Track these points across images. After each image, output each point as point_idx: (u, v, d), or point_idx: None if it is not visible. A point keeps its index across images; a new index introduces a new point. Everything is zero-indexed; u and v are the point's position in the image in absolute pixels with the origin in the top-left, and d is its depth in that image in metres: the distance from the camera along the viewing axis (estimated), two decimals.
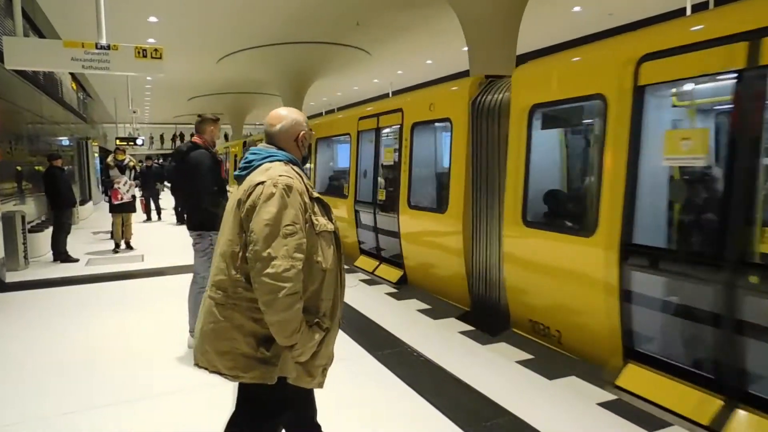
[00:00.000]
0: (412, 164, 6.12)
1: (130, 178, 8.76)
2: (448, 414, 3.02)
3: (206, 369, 1.90)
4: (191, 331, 4.17)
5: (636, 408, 3.09)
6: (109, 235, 9.36)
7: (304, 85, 18.51)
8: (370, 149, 7.33)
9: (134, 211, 9.05)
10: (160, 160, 23.44)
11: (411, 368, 3.71)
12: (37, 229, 8.48)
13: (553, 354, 4.01)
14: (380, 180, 6.99)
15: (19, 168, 9.08)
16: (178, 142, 41.24)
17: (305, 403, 2.05)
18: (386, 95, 23.59)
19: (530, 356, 3.95)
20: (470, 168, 5.03)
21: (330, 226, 1.89)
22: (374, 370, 3.69)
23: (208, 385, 3.50)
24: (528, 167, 4.28)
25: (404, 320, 4.86)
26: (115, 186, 8.49)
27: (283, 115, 2.00)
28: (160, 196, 16.61)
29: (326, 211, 1.93)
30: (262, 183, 1.78)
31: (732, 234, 2.85)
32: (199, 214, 4.06)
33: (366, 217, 7.29)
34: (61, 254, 7.93)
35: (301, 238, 1.75)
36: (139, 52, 6.67)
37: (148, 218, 12.91)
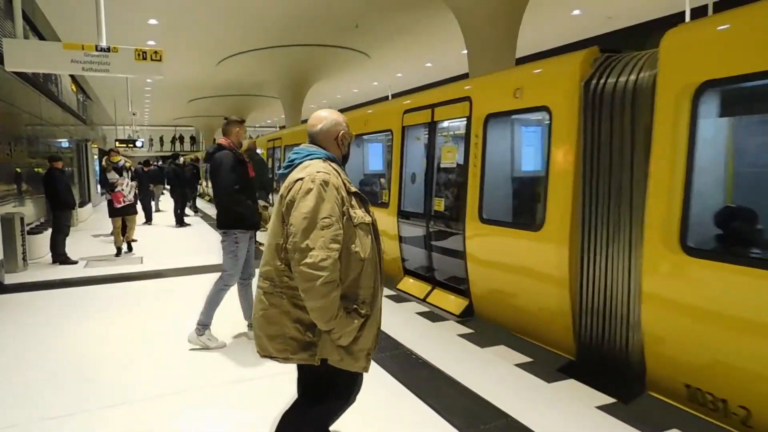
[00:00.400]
0: (486, 166, 4.85)
1: (128, 179, 8.60)
2: (447, 416, 3.01)
3: (259, 353, 2.04)
4: (199, 324, 4.18)
5: (635, 410, 3.09)
6: (111, 238, 9.16)
7: (303, 87, 18.54)
8: (420, 148, 6.22)
9: (136, 212, 8.87)
10: (159, 162, 23.44)
11: (409, 371, 3.70)
12: (36, 230, 8.47)
13: (552, 357, 4.00)
14: (436, 186, 5.76)
15: (18, 170, 9.08)
16: (177, 145, 41.32)
17: (346, 394, 2.14)
18: (386, 98, 23.61)
19: (529, 359, 3.95)
20: (580, 172, 3.77)
21: (367, 218, 2.02)
22: (373, 373, 3.68)
23: (207, 386, 3.50)
24: (690, 171, 3.07)
25: (402, 322, 4.86)
26: (117, 189, 8.31)
27: (324, 116, 2.15)
28: (159, 199, 16.62)
29: (363, 204, 2.07)
30: (301, 179, 1.94)
31: None
32: (223, 213, 4.17)
33: (414, 231, 6.02)
34: (59, 256, 7.92)
35: (337, 230, 1.88)
36: (138, 54, 6.68)
37: (147, 221, 12.89)
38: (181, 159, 16.65)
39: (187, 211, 14.34)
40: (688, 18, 8.84)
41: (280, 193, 2.01)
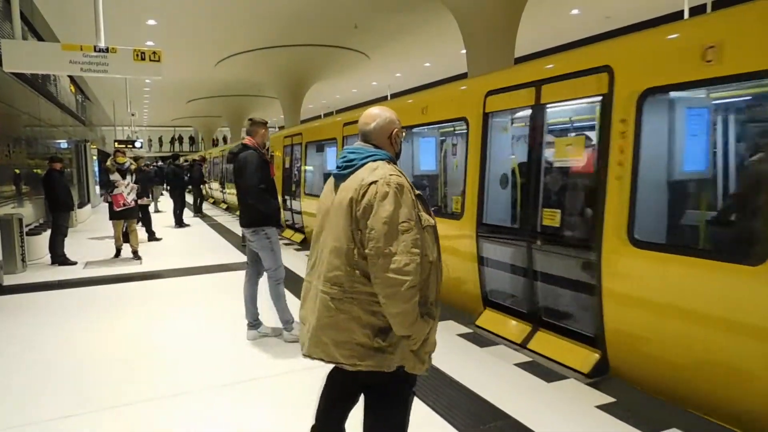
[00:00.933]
0: (640, 166, 3.38)
1: (131, 182, 8.24)
2: (447, 417, 3.01)
3: (322, 359, 2.01)
4: (284, 323, 4.32)
5: (635, 411, 3.09)
6: (112, 240, 8.74)
7: (302, 87, 18.54)
8: (511, 141, 4.91)
9: (137, 217, 8.54)
10: (159, 163, 23.40)
11: None
12: (35, 231, 8.46)
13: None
14: (545, 192, 4.25)
15: (17, 171, 9.06)
16: (177, 145, 41.32)
17: (409, 394, 2.16)
18: (385, 98, 23.61)
19: (528, 359, 3.95)
20: None
21: (431, 221, 2.00)
22: None
23: (209, 387, 3.49)
24: None
25: None
26: (116, 191, 8.00)
27: (377, 113, 2.10)
28: (158, 200, 16.57)
29: (426, 206, 2.04)
30: (375, 182, 1.88)
31: None
32: (250, 212, 4.27)
33: (504, 251, 4.61)
34: (58, 257, 7.91)
35: (416, 234, 1.86)
36: (137, 55, 6.67)
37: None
38: (181, 159, 16.57)
39: (187, 212, 14.29)
40: (686, 16, 8.84)
41: (348, 196, 1.92)
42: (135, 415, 3.14)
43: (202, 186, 16.23)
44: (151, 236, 10.32)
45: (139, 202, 9.80)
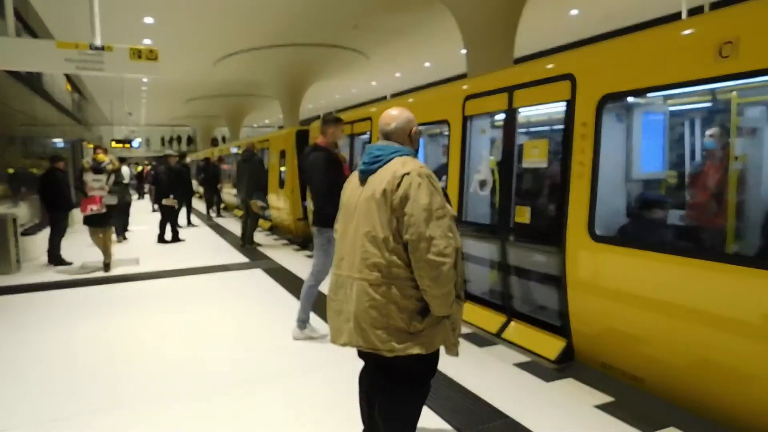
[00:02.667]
0: None
1: (107, 183, 7.31)
2: (445, 417, 2.98)
3: (360, 347, 2.11)
4: (299, 320, 4.32)
5: (632, 409, 3.05)
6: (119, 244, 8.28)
7: (301, 87, 18.50)
8: None
9: (105, 225, 7.38)
10: (154, 162, 23.30)
11: None
12: (30, 232, 8.40)
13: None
14: None
15: (11, 171, 9.01)
16: (175, 145, 41.25)
17: (431, 374, 2.31)
18: (384, 98, 23.61)
19: (527, 359, 3.91)
20: None
21: (453, 211, 2.14)
22: None
23: (208, 387, 3.45)
24: None
25: None
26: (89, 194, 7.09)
27: (396, 114, 2.27)
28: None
29: (448, 198, 2.17)
30: (408, 174, 2.04)
31: None
32: (319, 212, 4.25)
33: None
34: (54, 257, 7.85)
35: (449, 220, 2.04)
36: (133, 53, 6.61)
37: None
38: (188, 158, 15.93)
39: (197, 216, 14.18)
40: (684, 17, 8.83)
41: (381, 188, 2.05)
42: (132, 416, 3.09)
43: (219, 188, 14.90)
44: (161, 238, 9.86)
45: (164, 202, 9.62)
